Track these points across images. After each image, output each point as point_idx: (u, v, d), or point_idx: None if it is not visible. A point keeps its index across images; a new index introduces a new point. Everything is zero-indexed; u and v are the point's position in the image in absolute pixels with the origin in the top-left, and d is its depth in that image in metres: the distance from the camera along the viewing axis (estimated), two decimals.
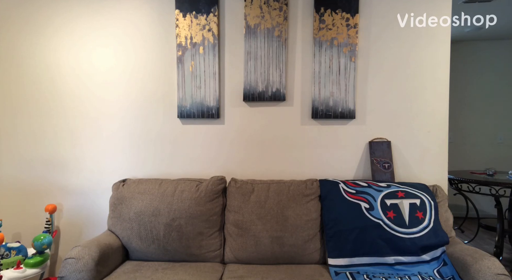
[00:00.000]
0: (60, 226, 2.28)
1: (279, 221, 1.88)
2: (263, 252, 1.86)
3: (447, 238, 1.79)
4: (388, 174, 2.10)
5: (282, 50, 2.15)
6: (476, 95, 4.50)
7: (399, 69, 2.16)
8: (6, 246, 1.94)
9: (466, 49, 4.46)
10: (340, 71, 2.14)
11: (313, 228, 1.88)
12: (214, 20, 2.15)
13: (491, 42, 4.45)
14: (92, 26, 2.23)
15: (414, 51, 2.15)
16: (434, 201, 1.88)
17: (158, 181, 2.03)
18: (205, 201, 1.92)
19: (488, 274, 1.48)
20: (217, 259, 1.92)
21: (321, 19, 2.13)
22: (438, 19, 2.12)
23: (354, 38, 2.12)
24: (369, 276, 1.67)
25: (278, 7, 2.13)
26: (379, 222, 1.79)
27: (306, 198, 1.93)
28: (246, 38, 2.15)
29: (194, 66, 2.18)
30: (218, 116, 2.19)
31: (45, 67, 2.25)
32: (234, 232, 1.91)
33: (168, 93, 2.23)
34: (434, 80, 2.15)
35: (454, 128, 4.52)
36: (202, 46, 2.17)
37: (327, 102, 2.16)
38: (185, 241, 1.87)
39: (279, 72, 2.16)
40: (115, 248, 1.85)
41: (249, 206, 1.92)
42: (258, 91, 2.17)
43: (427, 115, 2.16)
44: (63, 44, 2.24)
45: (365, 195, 1.89)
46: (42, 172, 2.26)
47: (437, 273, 1.69)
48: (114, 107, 2.25)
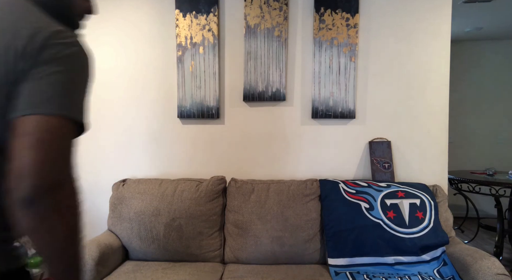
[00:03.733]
0: None
1: (279, 221, 1.88)
2: (263, 252, 1.86)
3: (447, 238, 1.79)
4: (388, 174, 2.10)
5: (282, 50, 2.15)
6: (476, 95, 4.50)
7: (399, 69, 2.16)
8: None
9: (466, 49, 4.47)
10: (340, 71, 2.14)
11: (313, 228, 1.88)
12: (214, 20, 2.15)
13: (491, 42, 4.45)
14: (92, 26, 2.23)
15: (414, 51, 2.15)
16: (434, 201, 1.88)
17: (158, 181, 2.03)
18: (205, 201, 1.92)
19: (488, 274, 1.48)
20: (217, 259, 1.92)
21: (321, 19, 2.13)
22: (438, 19, 2.12)
23: (354, 38, 2.12)
24: (369, 276, 1.67)
25: (278, 7, 2.13)
26: (379, 222, 1.80)
27: (306, 198, 1.93)
28: (246, 38, 2.15)
29: (194, 66, 2.18)
30: (218, 116, 2.19)
31: None
32: (234, 232, 1.91)
33: (168, 93, 2.23)
34: (434, 80, 2.15)
35: (454, 128, 4.52)
36: (202, 46, 2.17)
37: (327, 102, 2.16)
38: (185, 241, 1.87)
39: (279, 72, 2.16)
40: (115, 248, 1.85)
41: (249, 206, 1.92)
42: (258, 91, 2.17)
43: (427, 115, 2.16)
44: None
45: (365, 195, 1.89)
46: None
47: (437, 273, 1.69)
48: (114, 107, 2.25)
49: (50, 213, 0.56)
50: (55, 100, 0.58)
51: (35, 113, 0.56)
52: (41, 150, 0.55)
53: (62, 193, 0.58)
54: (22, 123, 0.56)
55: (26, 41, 0.59)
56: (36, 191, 0.54)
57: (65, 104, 0.59)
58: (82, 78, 0.64)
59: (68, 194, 0.59)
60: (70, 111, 0.60)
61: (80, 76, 0.64)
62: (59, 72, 0.59)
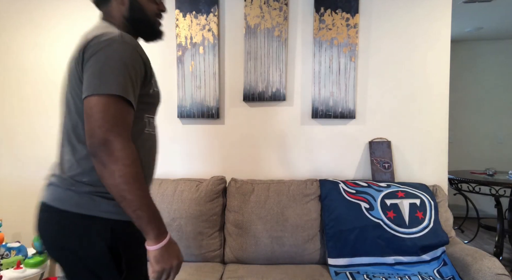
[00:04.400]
0: None
1: (279, 221, 1.88)
2: (263, 252, 1.86)
3: (447, 238, 1.79)
4: (388, 174, 2.10)
5: (282, 50, 2.15)
6: (476, 95, 4.50)
7: (399, 69, 2.16)
8: (6, 246, 1.94)
9: (466, 49, 4.47)
10: (340, 71, 2.14)
11: (313, 228, 1.88)
12: (214, 20, 2.15)
13: (491, 42, 4.46)
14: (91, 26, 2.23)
15: (414, 51, 2.15)
16: (434, 201, 1.88)
17: (158, 181, 2.03)
18: (205, 201, 1.92)
19: (488, 274, 1.48)
20: (217, 259, 1.92)
21: (321, 19, 2.13)
22: (438, 19, 2.12)
23: (354, 38, 2.12)
24: (369, 276, 1.67)
25: (278, 7, 2.13)
26: (379, 222, 1.80)
27: (306, 198, 1.93)
28: (246, 38, 2.15)
29: (194, 66, 2.18)
30: (218, 116, 2.20)
31: (47, 68, 2.25)
32: (234, 232, 1.91)
33: (168, 93, 2.23)
34: (434, 80, 2.15)
35: (454, 128, 4.52)
36: (202, 46, 2.17)
37: (327, 102, 2.16)
38: (185, 241, 1.87)
39: (279, 72, 2.16)
40: None
41: (249, 206, 1.92)
42: (258, 91, 2.17)
43: (427, 115, 2.16)
44: (63, 43, 2.24)
45: (365, 195, 1.89)
46: (42, 172, 2.26)
47: (437, 273, 1.69)
48: None
49: (107, 162, 0.78)
50: (90, 86, 0.81)
51: (84, 97, 0.82)
52: (89, 120, 0.80)
53: (111, 147, 0.78)
54: (84, 104, 0.82)
55: (80, 47, 0.86)
56: (92, 146, 0.78)
57: (96, 87, 0.80)
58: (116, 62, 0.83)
59: (118, 148, 0.78)
60: (101, 89, 0.80)
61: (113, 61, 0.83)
62: (92, 66, 0.83)
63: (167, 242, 0.84)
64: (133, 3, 0.96)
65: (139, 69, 0.87)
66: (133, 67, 0.85)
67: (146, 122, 0.97)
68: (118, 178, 0.78)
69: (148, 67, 0.92)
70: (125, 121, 0.82)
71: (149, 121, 0.99)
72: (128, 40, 0.86)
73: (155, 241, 0.82)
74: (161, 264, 0.83)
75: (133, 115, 0.86)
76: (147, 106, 0.96)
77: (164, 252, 0.83)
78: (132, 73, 0.84)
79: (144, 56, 0.91)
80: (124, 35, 0.87)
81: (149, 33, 1.02)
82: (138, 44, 0.91)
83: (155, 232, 0.82)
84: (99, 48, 0.83)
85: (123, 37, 0.86)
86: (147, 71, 0.92)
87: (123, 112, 0.82)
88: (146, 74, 0.91)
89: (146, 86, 0.93)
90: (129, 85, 0.83)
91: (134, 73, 0.85)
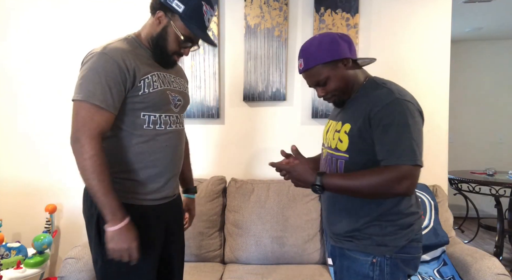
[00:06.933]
0: (60, 226, 2.28)
1: (279, 221, 1.88)
2: (263, 252, 1.86)
3: (447, 238, 1.79)
4: None
5: (282, 50, 2.15)
6: (476, 95, 4.50)
7: (399, 69, 2.16)
8: (6, 246, 1.94)
9: (466, 49, 4.46)
10: None
11: (313, 228, 1.88)
12: (214, 20, 2.15)
13: (491, 42, 4.45)
14: (92, 26, 2.23)
15: (414, 51, 2.14)
16: (434, 201, 1.88)
17: None
18: (205, 201, 1.92)
19: (488, 274, 1.48)
20: (217, 259, 1.92)
21: (321, 19, 2.13)
22: (438, 19, 2.12)
23: (354, 38, 2.12)
24: None
25: (278, 7, 2.13)
26: None
27: (306, 198, 1.93)
28: (246, 38, 2.15)
29: (194, 66, 2.18)
30: (218, 116, 2.19)
31: (48, 68, 2.25)
32: (234, 232, 1.91)
33: None
34: (434, 80, 2.15)
35: (454, 128, 4.52)
36: (202, 46, 2.16)
37: (327, 102, 2.15)
38: (185, 241, 1.87)
39: (279, 72, 2.16)
40: None
41: (249, 206, 1.92)
42: (258, 91, 2.17)
43: (427, 115, 2.13)
44: (62, 44, 2.24)
45: None
46: (42, 172, 2.26)
47: (437, 273, 1.69)
48: None
49: (76, 155, 0.97)
50: (75, 93, 1.00)
51: (72, 100, 1.01)
52: (72, 121, 1.00)
53: (79, 143, 0.96)
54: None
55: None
56: (70, 143, 0.99)
57: (78, 93, 0.99)
58: (89, 72, 0.99)
59: (82, 144, 0.96)
60: (74, 96, 0.99)
61: (87, 71, 1.00)
62: (79, 77, 1.01)
63: (120, 227, 0.97)
64: (163, 31, 1.08)
65: (118, 75, 1.00)
66: (107, 75, 0.98)
67: (146, 120, 1.07)
68: (81, 168, 0.97)
69: (135, 72, 1.03)
70: (93, 121, 0.97)
71: (150, 118, 1.07)
72: (109, 52, 1.01)
73: (109, 224, 0.97)
74: (111, 245, 0.98)
75: (106, 114, 0.99)
76: (142, 105, 1.06)
77: (115, 235, 0.97)
78: (108, 79, 0.98)
79: (128, 63, 1.02)
80: (108, 47, 1.02)
81: (160, 60, 1.13)
82: (124, 54, 1.03)
83: (109, 217, 0.97)
84: (84, 62, 1.03)
85: (104, 49, 1.01)
86: (136, 75, 1.03)
87: (90, 114, 0.97)
88: (134, 79, 1.03)
89: (135, 89, 1.04)
90: (99, 90, 0.98)
91: (111, 79, 0.99)
